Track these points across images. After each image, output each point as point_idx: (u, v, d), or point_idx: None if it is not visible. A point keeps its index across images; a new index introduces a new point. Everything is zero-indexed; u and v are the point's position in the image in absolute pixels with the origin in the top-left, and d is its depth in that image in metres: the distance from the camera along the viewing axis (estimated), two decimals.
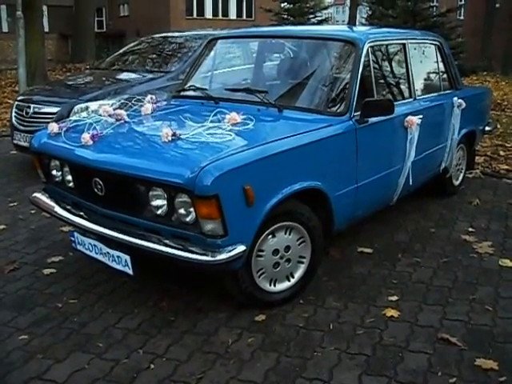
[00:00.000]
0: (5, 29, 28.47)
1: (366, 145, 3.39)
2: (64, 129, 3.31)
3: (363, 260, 3.72)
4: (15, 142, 5.79)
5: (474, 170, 5.75)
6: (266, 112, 3.34)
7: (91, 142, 3.01)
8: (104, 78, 6.25)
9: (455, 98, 4.51)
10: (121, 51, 7.32)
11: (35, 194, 3.50)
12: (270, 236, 2.92)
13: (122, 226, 2.91)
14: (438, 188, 4.89)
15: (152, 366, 2.57)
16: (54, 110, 5.47)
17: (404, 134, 3.79)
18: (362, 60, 3.45)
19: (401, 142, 3.78)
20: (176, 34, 7.08)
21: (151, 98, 3.75)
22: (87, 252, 3.11)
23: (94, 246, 3.03)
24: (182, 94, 4.02)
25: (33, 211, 4.59)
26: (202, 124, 3.00)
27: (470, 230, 4.27)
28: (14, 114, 5.86)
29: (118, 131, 3.17)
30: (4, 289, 3.33)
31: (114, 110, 3.45)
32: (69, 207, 3.28)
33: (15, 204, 4.89)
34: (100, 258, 3.03)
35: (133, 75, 6.16)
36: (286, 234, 2.99)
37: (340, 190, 3.23)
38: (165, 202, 2.71)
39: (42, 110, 5.58)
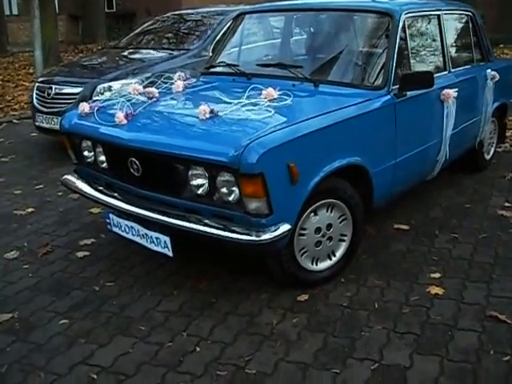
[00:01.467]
0: (15, 11, 28.30)
1: (405, 119, 3.29)
2: (95, 108, 3.23)
3: (400, 236, 3.64)
4: (37, 123, 5.72)
5: (504, 143, 5.62)
6: (302, 87, 3.25)
7: (125, 121, 2.94)
8: (124, 58, 6.16)
9: (488, 71, 4.38)
10: (137, 31, 7.20)
11: (66, 176, 3.45)
12: (312, 214, 2.85)
13: (159, 206, 2.85)
14: (469, 163, 4.78)
15: (197, 348, 2.53)
16: (77, 90, 5.40)
17: (441, 108, 3.69)
18: (399, 32, 3.33)
19: (438, 116, 3.68)
20: (192, 11, 6.96)
21: (180, 76, 3.65)
22: (123, 234, 3.06)
23: (131, 227, 2.98)
24: (211, 70, 3.92)
25: (60, 193, 4.55)
26: (238, 100, 2.92)
27: (507, 204, 4.17)
28: (35, 95, 5.79)
29: (152, 109, 3.10)
30: (39, 273, 3.29)
31: (144, 88, 3.36)
32: (101, 188, 3.22)
33: (41, 187, 4.85)
34: (137, 239, 2.98)
35: (154, 53, 6.06)
36: (327, 211, 2.91)
37: (380, 165, 3.15)
38: (206, 182, 2.64)
39: (64, 91, 5.51)
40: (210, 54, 5.84)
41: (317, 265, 2.98)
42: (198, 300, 2.93)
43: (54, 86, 5.57)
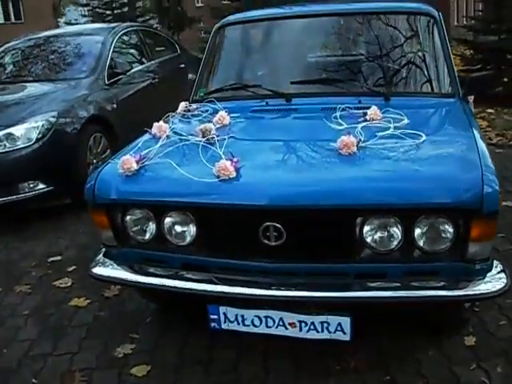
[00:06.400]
0: None
1: None
2: (144, 162, 2.27)
3: None
4: None
5: None
6: (374, 102, 2.71)
7: (234, 174, 2.08)
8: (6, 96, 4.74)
9: None
10: None
11: (97, 269, 2.37)
12: None
13: (309, 280, 2.08)
14: None
15: None
16: None
17: None
18: (445, 33, 3.04)
19: None
20: (56, 33, 5.90)
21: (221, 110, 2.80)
22: (247, 329, 2.19)
23: (267, 317, 2.13)
24: (214, 96, 3.08)
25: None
26: (341, 127, 2.36)
27: None
28: None
29: (252, 150, 2.30)
30: None
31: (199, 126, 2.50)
32: (170, 273, 2.27)
33: None
34: (276, 332, 2.16)
35: (41, 86, 4.82)
36: None
37: None
38: (399, 233, 1.98)
39: None
40: (106, 81, 4.93)
41: None
42: None
43: None
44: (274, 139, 2.49)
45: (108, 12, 13.61)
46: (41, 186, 4.21)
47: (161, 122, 2.67)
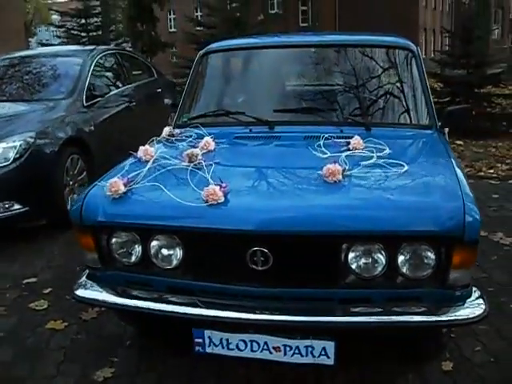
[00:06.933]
0: None
1: None
2: (132, 186, 2.29)
3: None
4: None
5: None
6: (355, 132, 2.79)
7: (223, 199, 2.12)
8: None
9: None
10: None
11: (80, 291, 2.36)
12: None
13: (294, 305, 2.12)
14: None
15: None
16: None
17: None
18: (423, 67, 3.16)
19: None
20: (31, 53, 5.89)
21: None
22: (232, 353, 2.20)
23: (252, 342, 2.15)
24: (196, 122, 3.12)
25: None
26: (325, 156, 2.43)
27: None
28: None
29: (239, 176, 2.34)
30: None
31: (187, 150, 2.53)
32: (154, 296, 2.28)
33: None
34: (260, 356, 2.18)
35: (14, 107, 4.78)
36: None
37: None
38: (383, 259, 2.04)
39: None
40: (85, 103, 4.95)
41: None
42: None
43: None
44: (260, 165, 2.54)
45: (83, 34, 13.63)
46: (16, 206, 4.16)
47: (146, 146, 2.69)
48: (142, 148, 2.67)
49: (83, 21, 13.66)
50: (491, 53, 12.53)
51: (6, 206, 4.13)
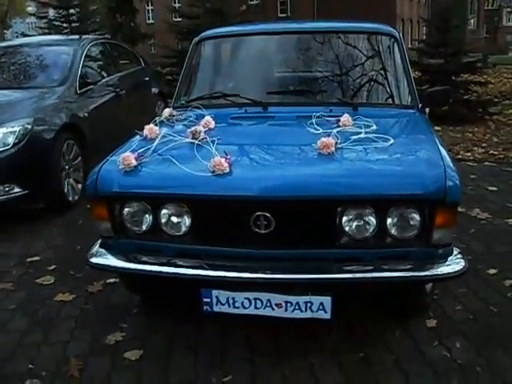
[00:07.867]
0: None
1: None
2: (142, 160, 2.48)
3: None
4: None
5: None
6: (344, 111, 3.00)
7: (228, 169, 2.33)
8: None
9: None
10: None
11: (95, 259, 2.55)
12: None
13: (295, 264, 2.34)
14: None
15: None
16: None
17: None
18: (405, 51, 3.40)
19: None
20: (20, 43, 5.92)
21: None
22: (236, 311, 2.41)
23: (256, 299, 2.36)
24: (194, 103, 3.31)
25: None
26: (318, 132, 2.65)
27: None
28: None
29: (243, 147, 2.58)
30: None
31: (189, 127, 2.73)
32: (164, 261, 2.48)
33: None
34: (263, 312, 2.39)
35: (10, 94, 4.90)
36: None
37: None
38: (373, 221, 2.27)
39: None
40: (78, 91, 5.10)
41: None
42: None
43: None
44: (258, 141, 2.75)
45: (65, 25, 13.67)
46: (16, 189, 4.31)
47: (151, 125, 2.88)
48: (147, 127, 2.86)
49: (65, 12, 13.63)
50: (468, 41, 12.85)
51: (7, 189, 4.28)
